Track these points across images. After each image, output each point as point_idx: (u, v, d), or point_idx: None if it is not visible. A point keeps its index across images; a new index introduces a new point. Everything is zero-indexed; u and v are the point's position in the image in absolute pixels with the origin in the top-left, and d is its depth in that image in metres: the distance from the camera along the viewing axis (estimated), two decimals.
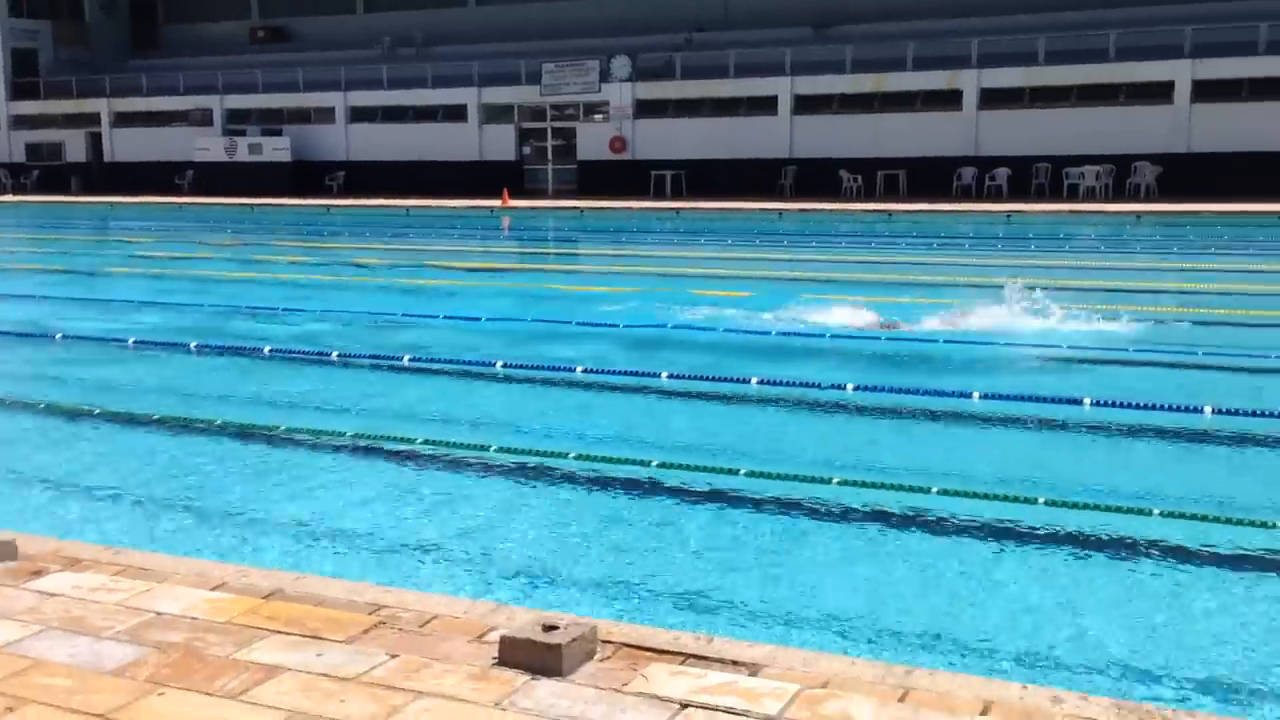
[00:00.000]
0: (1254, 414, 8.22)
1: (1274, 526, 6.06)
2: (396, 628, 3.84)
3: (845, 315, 12.12)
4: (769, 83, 34.03)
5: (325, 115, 40.34)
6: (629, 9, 37.86)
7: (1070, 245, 21.68)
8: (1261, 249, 19.69)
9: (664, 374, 9.79)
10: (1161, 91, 29.83)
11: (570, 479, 7.20)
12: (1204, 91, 29.38)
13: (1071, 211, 26.68)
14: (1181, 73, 29.50)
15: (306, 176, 39.00)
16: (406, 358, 10.76)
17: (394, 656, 3.61)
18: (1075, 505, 6.41)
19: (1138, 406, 8.38)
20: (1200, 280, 16.18)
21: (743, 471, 7.03)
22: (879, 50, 33.02)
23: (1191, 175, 28.63)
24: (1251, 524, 6.08)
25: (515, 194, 34.40)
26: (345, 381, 10.32)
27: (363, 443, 7.86)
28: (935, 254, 20.64)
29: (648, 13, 37.34)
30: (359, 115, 39.96)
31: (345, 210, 33.46)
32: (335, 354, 10.92)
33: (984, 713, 3.26)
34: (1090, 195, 29.26)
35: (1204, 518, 6.17)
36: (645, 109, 35.80)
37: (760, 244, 23.11)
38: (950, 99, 32.17)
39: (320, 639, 3.75)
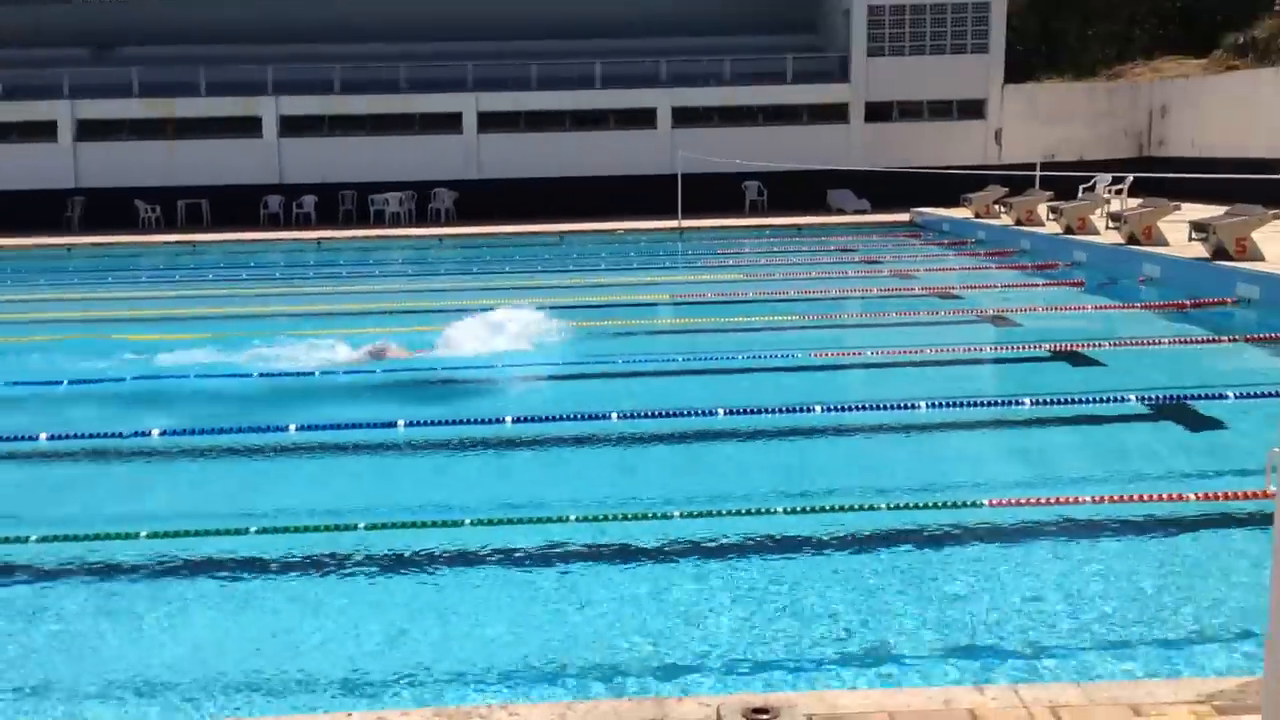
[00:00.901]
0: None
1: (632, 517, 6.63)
2: None
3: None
4: (47, 106, 30.95)
5: None
6: None
7: (381, 269, 22.42)
8: (546, 265, 21.79)
9: None
10: (453, 122, 31.91)
11: None
12: (488, 122, 31.93)
13: (379, 236, 27.57)
14: (468, 105, 31.78)
15: None
16: None
17: None
18: (389, 525, 6.52)
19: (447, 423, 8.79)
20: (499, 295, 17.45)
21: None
22: (170, 74, 31.53)
23: (482, 200, 31.00)
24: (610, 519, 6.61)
25: None
26: None
27: None
28: (245, 285, 20.10)
29: None
30: None
31: None
32: None
33: None
34: (395, 220, 30.46)
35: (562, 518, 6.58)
36: None
37: (45, 284, 20.86)
38: (250, 126, 31.67)
39: None
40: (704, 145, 29.90)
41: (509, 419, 8.91)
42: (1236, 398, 9.08)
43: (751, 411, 9.13)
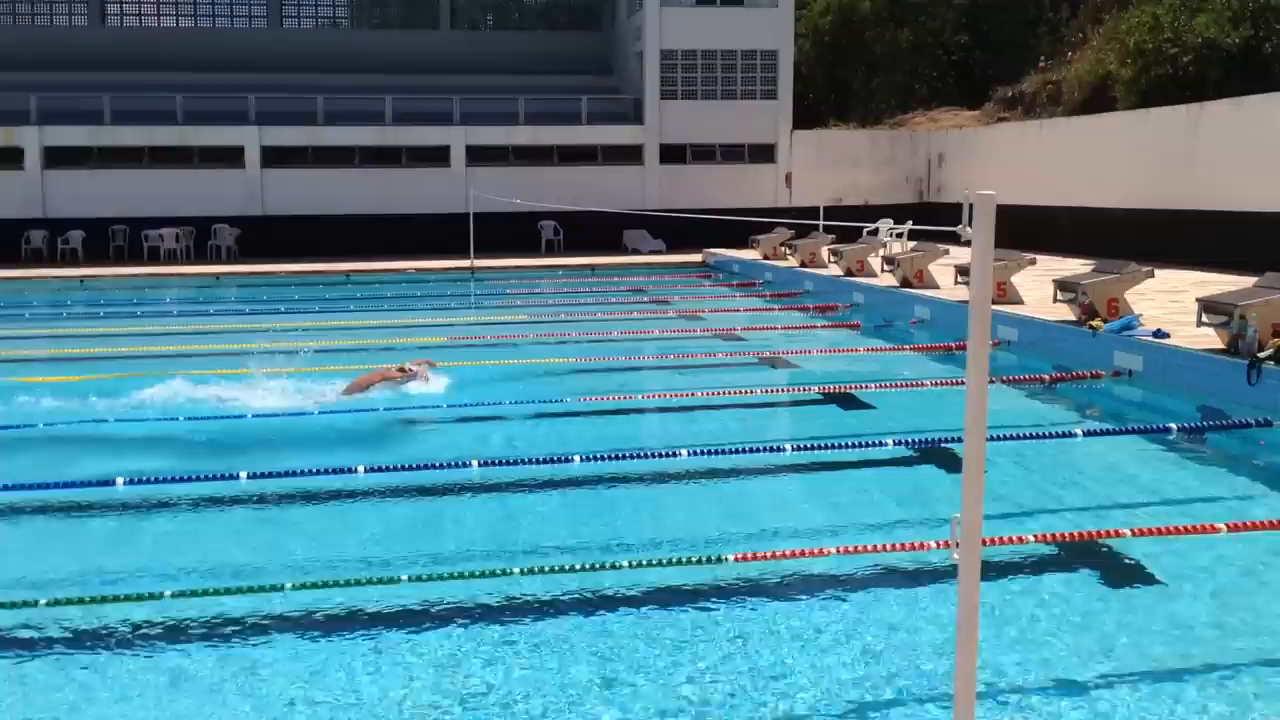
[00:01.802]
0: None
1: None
2: None
3: None
4: None
5: None
6: None
7: (145, 309, 21.04)
8: (328, 306, 20.89)
9: None
10: (234, 156, 30.54)
11: None
12: (274, 157, 30.71)
13: (151, 275, 26.03)
14: (250, 139, 30.49)
15: None
16: None
17: None
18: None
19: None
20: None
21: None
22: None
23: (267, 237, 29.72)
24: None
25: None
26: None
27: None
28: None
29: None
30: None
31: None
32: None
33: None
34: (171, 258, 28.87)
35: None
36: None
37: None
38: (11, 157, 29.55)
39: None
40: (499, 184, 29.52)
41: (243, 474, 8.21)
42: (990, 440, 9.17)
43: (503, 463, 8.69)
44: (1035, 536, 6.62)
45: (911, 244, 19.88)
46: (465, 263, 26.47)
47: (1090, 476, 8.79)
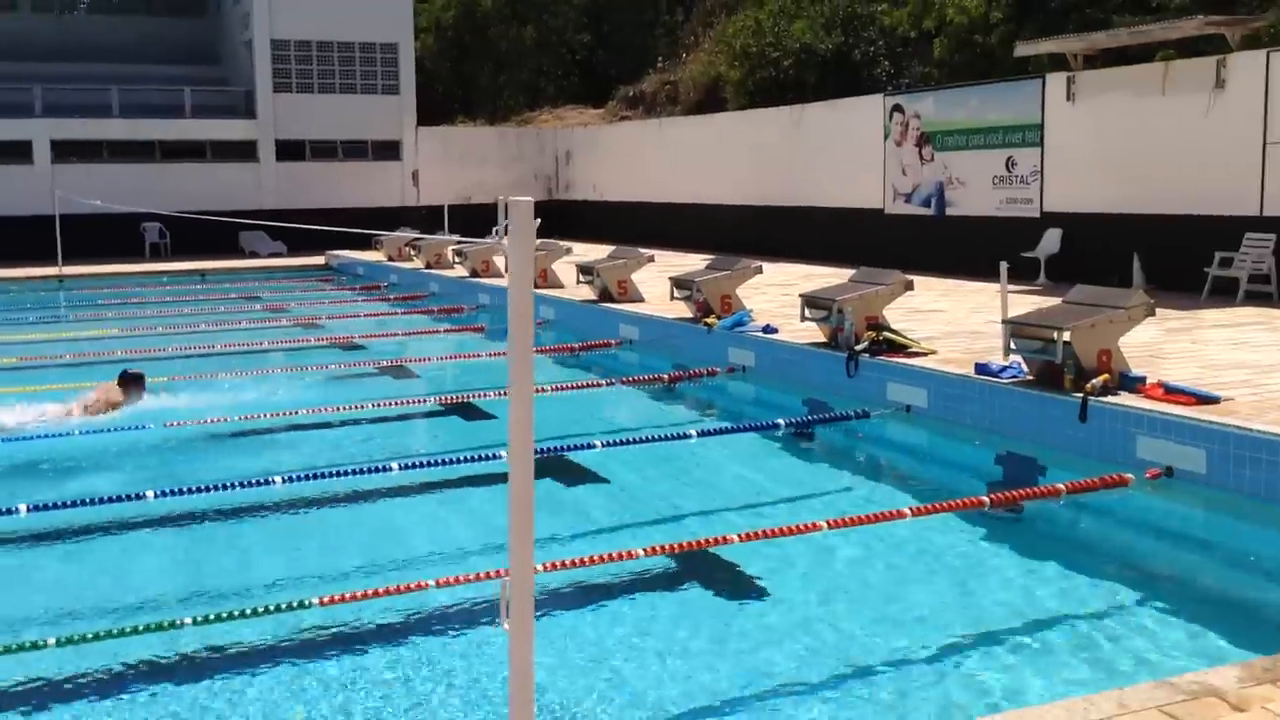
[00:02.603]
0: None
1: None
2: None
3: None
4: None
5: None
6: None
7: None
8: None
9: None
10: None
11: None
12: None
13: None
14: None
15: None
16: None
17: None
18: None
19: None
20: None
21: None
22: None
23: None
24: None
25: None
26: None
27: None
28: None
29: None
30: None
31: None
32: None
33: None
34: None
35: None
36: None
37: None
38: None
39: None
40: (93, 183, 26.73)
41: None
42: (606, 445, 8.90)
43: (53, 506, 7.42)
44: (645, 550, 6.32)
45: (535, 242, 19.60)
46: (53, 270, 23.71)
47: (701, 480, 8.71)
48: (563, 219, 31.47)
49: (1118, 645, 5.39)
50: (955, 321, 12.96)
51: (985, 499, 7.06)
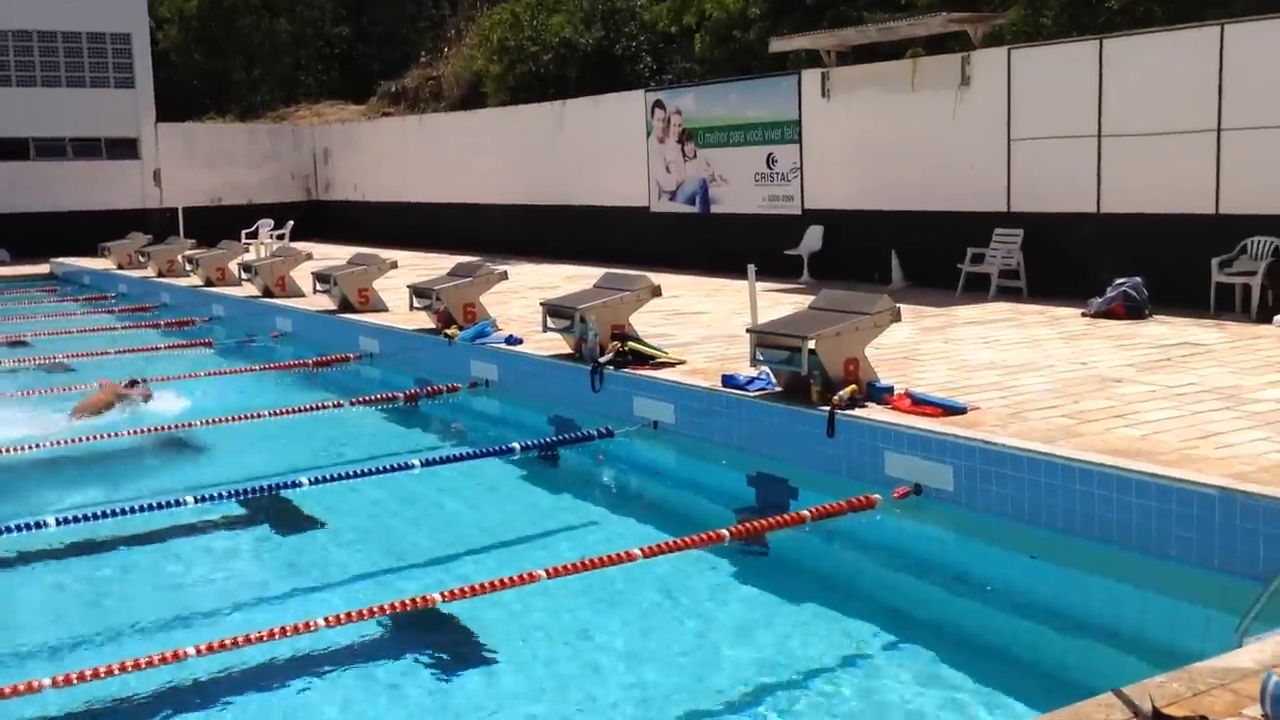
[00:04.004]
0: None
1: None
2: None
3: None
4: None
5: None
6: None
7: None
8: None
9: None
10: None
11: None
12: None
13: None
14: None
15: None
16: None
17: None
18: None
19: None
20: None
21: None
22: None
23: None
24: None
25: None
26: None
27: None
28: None
29: None
30: None
31: None
32: None
33: None
34: None
35: None
36: None
37: None
38: None
39: None
40: None
41: None
42: (316, 482, 7.84)
43: None
44: (331, 619, 5.35)
45: (275, 247, 18.19)
46: None
47: (425, 519, 7.77)
48: (322, 220, 29.83)
49: (868, 700, 4.80)
50: (716, 324, 12.46)
51: (725, 533, 6.41)
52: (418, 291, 11.90)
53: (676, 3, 23.39)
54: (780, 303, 13.05)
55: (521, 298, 14.51)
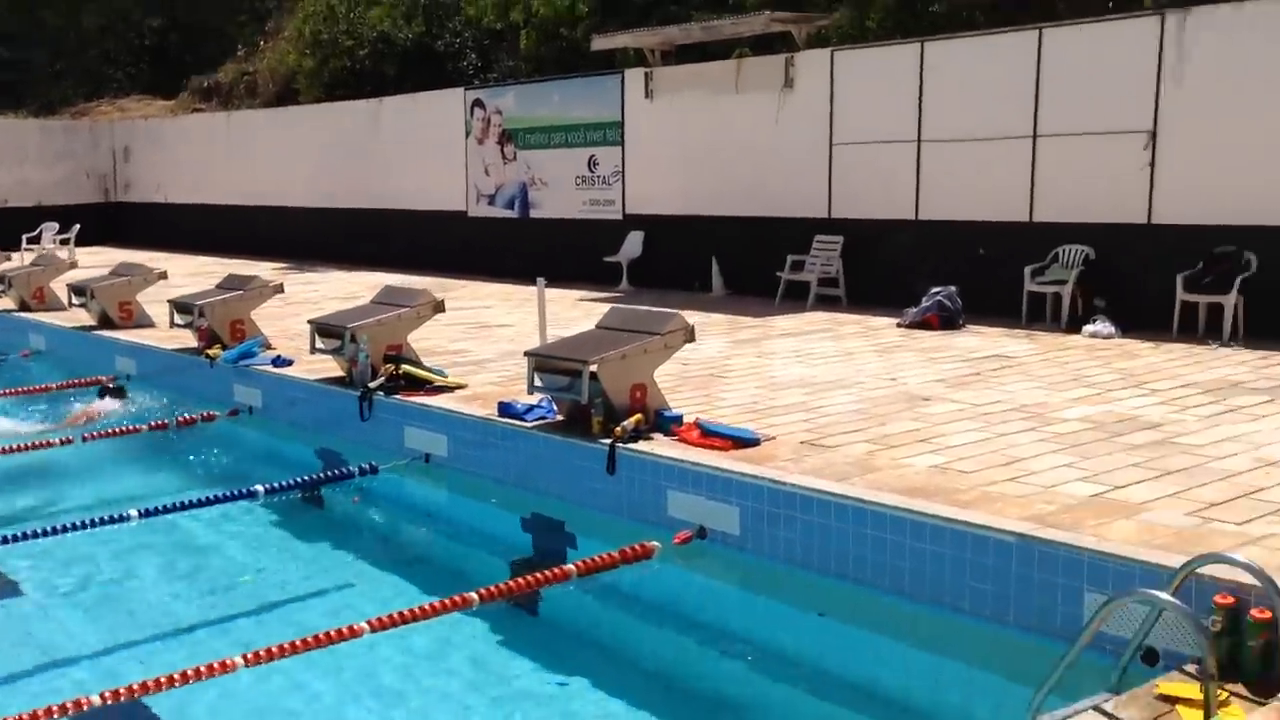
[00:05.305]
0: None
1: None
2: None
3: None
4: None
5: None
6: None
7: None
8: None
9: None
10: None
11: None
12: None
13: None
14: None
15: None
16: None
17: None
18: None
19: None
20: None
21: None
22: None
23: None
24: None
25: None
26: None
27: None
28: None
29: None
30: None
31: None
32: None
33: None
34: None
35: None
36: None
37: None
38: None
39: None
40: None
41: None
42: (25, 538, 6.65)
43: None
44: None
45: (32, 256, 16.47)
46: None
47: (147, 585, 6.65)
48: (120, 223, 27.84)
49: None
50: (520, 338, 11.55)
51: (474, 596, 5.52)
52: (179, 306, 10.65)
53: None
54: (595, 313, 12.25)
55: (320, 310, 13.34)
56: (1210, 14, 11.12)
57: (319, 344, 9.07)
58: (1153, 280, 11.15)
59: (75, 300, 12.52)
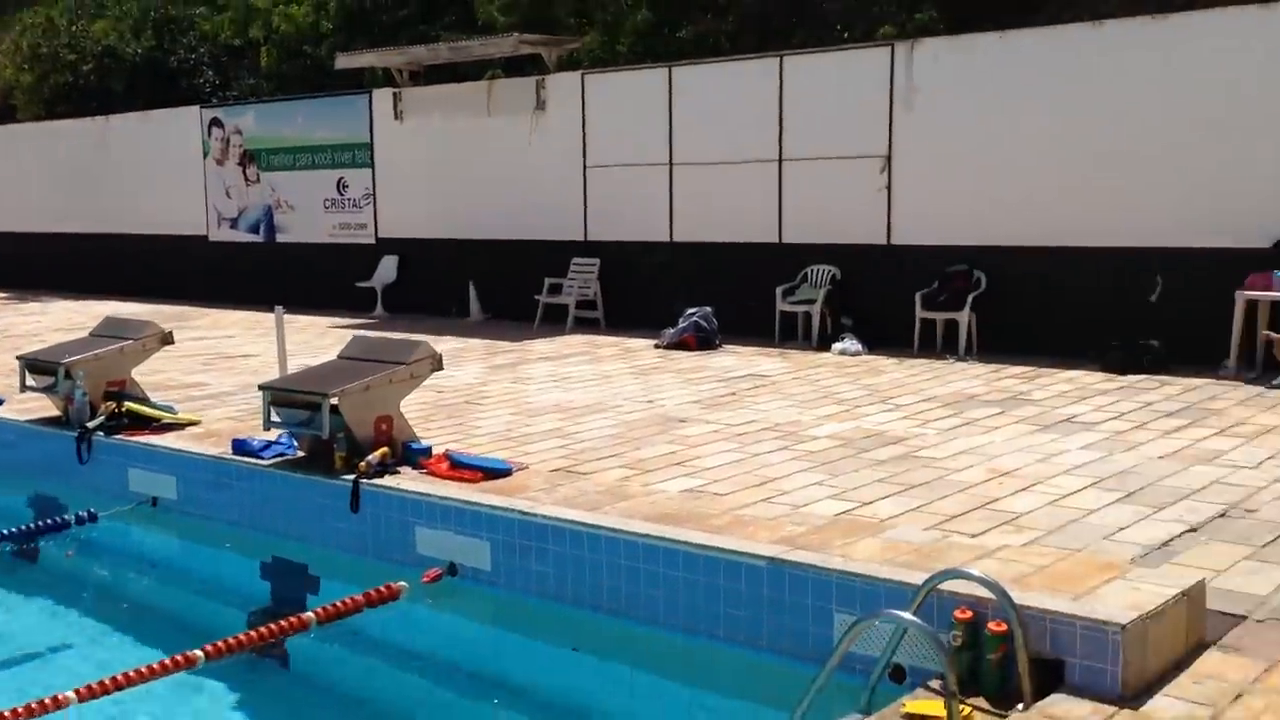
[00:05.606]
0: None
1: None
2: None
3: None
4: None
5: None
6: None
7: None
8: None
9: None
10: None
11: None
12: None
13: None
14: None
15: None
16: None
17: None
18: None
19: None
20: None
21: None
22: None
23: None
24: None
25: None
26: None
27: None
28: None
29: None
30: None
31: None
32: None
33: None
34: None
35: None
36: None
37: None
38: None
39: None
40: None
41: None
42: None
43: None
44: None
45: None
46: None
47: None
48: None
49: None
50: (264, 369, 10.91)
51: (198, 654, 5.05)
52: None
53: (241, 14, 21.41)
54: (348, 341, 11.76)
55: (42, 342, 12.26)
56: (934, 45, 11.73)
57: (30, 381, 8.26)
58: (894, 299, 11.61)
59: None
